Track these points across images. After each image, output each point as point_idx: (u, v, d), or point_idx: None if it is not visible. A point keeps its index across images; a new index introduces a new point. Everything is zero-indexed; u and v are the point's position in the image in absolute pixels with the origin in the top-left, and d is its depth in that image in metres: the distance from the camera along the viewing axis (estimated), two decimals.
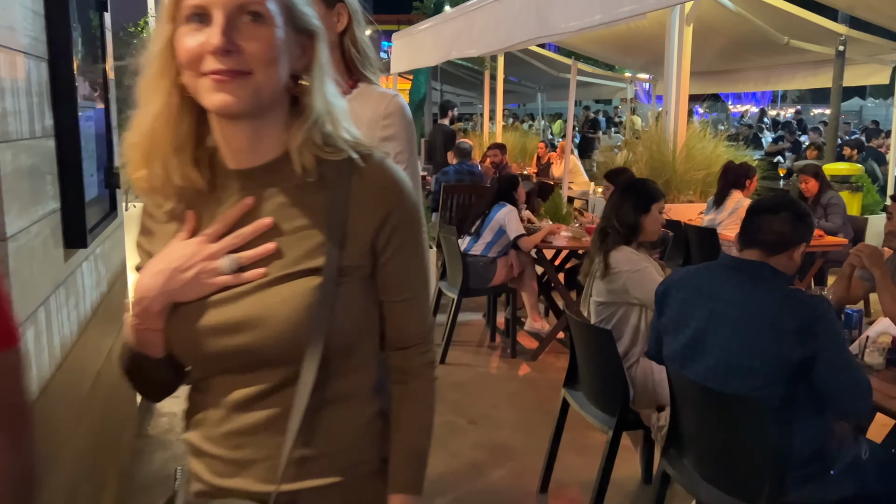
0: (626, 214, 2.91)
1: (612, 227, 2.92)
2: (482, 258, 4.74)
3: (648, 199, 2.91)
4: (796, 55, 8.06)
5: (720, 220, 5.52)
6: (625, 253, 2.87)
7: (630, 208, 2.91)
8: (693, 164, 6.64)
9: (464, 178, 6.96)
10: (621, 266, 2.84)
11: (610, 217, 2.96)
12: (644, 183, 3.11)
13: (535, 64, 12.43)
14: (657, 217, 2.93)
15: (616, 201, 2.97)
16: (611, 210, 2.99)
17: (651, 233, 2.93)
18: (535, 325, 4.88)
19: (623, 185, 3.19)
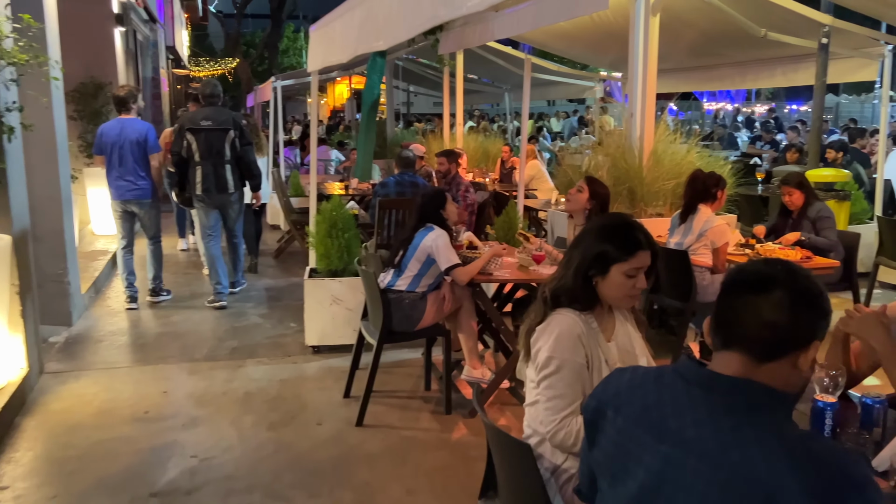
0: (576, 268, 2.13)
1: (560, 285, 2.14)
2: (408, 295, 3.95)
3: (610, 257, 2.08)
4: (775, 49, 7.36)
5: (689, 243, 4.77)
6: (561, 322, 2.08)
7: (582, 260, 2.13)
8: (662, 173, 5.90)
9: (405, 191, 6.16)
10: (544, 347, 2.06)
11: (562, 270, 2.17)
12: (615, 226, 2.16)
13: (500, 63, 11.65)
14: (620, 282, 2.09)
15: (576, 240, 2.19)
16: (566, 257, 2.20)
17: (613, 298, 2.15)
18: (473, 372, 4.10)
19: (590, 224, 2.35)
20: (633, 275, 2.08)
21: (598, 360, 2.08)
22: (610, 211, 4.33)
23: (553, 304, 2.10)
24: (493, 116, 21.07)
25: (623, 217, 2.20)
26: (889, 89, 6.87)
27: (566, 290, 2.10)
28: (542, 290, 2.16)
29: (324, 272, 5.08)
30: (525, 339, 2.13)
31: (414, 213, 4.08)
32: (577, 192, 4.25)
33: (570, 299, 2.10)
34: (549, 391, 2.04)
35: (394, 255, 4.05)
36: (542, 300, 2.13)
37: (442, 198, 4.06)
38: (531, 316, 2.15)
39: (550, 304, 2.11)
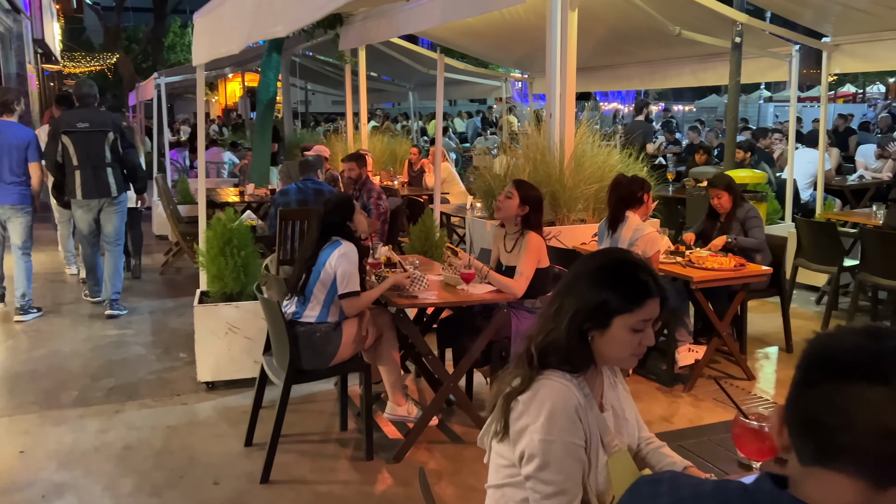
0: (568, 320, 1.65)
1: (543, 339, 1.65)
2: (319, 327, 3.38)
3: (612, 308, 1.61)
4: (687, 48, 7.23)
5: None
6: (553, 392, 1.60)
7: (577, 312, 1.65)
8: (584, 177, 5.58)
9: (308, 200, 5.55)
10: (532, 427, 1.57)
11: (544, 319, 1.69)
12: (616, 268, 1.66)
13: (405, 61, 11.17)
14: (624, 339, 1.62)
15: (559, 289, 1.70)
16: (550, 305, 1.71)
17: (612, 358, 1.69)
18: (398, 409, 3.59)
19: (583, 265, 1.73)
20: (640, 329, 1.62)
21: (595, 438, 1.62)
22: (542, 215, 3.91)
23: (540, 366, 1.63)
24: (396, 116, 20.52)
25: (624, 255, 1.72)
26: (797, 89, 6.87)
27: (557, 348, 1.62)
28: (524, 347, 1.68)
29: (217, 296, 4.42)
30: (502, 409, 1.64)
31: (315, 226, 3.51)
32: (505, 198, 3.82)
33: (562, 360, 1.63)
34: (545, 487, 1.55)
35: (296, 279, 3.47)
36: (525, 360, 1.65)
37: (349, 206, 3.51)
38: (509, 379, 1.66)
39: (538, 366, 1.63)
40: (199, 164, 4.93)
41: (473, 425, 3.77)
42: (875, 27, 5.98)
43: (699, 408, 4.19)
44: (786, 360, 4.96)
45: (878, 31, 6.02)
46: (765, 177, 6.49)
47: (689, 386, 4.44)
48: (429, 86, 14.31)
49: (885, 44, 6.03)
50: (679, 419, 4.04)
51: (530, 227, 3.82)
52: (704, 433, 2.14)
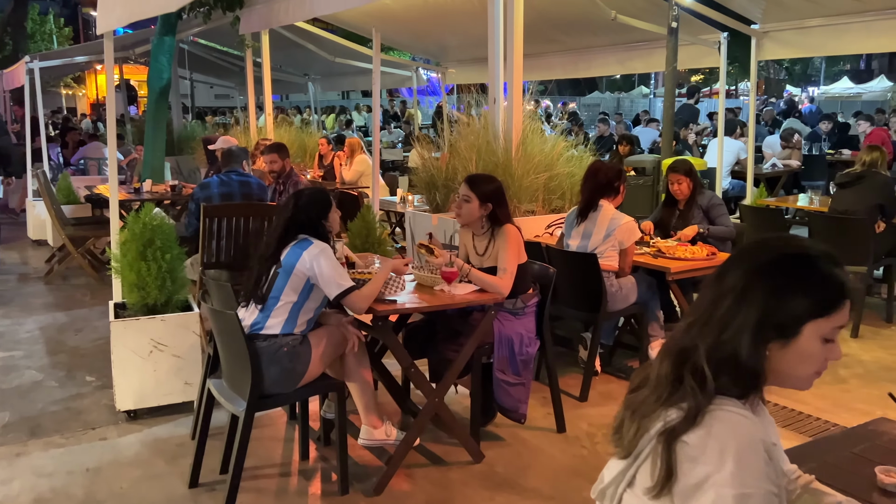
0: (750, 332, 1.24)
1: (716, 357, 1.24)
2: (284, 340, 2.83)
3: (803, 313, 1.22)
4: (616, 35, 7.08)
5: (594, 245, 4.14)
6: (732, 426, 1.19)
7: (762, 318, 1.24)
8: (532, 166, 5.25)
9: (234, 193, 4.90)
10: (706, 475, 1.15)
11: (711, 329, 1.26)
12: (800, 261, 1.26)
13: (308, 47, 10.48)
14: (814, 351, 1.24)
15: (735, 292, 1.25)
16: (710, 312, 1.28)
17: (792, 377, 1.28)
18: (374, 433, 3.09)
19: (749, 256, 1.32)
20: (831, 338, 1.25)
21: (782, 482, 1.24)
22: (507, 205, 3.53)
23: (703, 388, 1.21)
24: (289, 110, 19.57)
25: (798, 243, 1.33)
26: (724, 76, 6.88)
27: (730, 366, 1.22)
28: (673, 365, 1.26)
29: (137, 308, 3.73)
30: (657, 452, 1.22)
31: (280, 223, 2.96)
32: (463, 202, 3.43)
33: (733, 381, 1.23)
34: None
35: (255, 284, 2.90)
36: (691, 382, 1.23)
37: (325, 202, 3.00)
38: (650, 409, 1.25)
39: (710, 392, 1.21)
40: (110, 159, 4.18)
41: (455, 443, 3.34)
42: (804, 14, 6.02)
43: None
44: None
45: (806, 18, 6.06)
46: (705, 164, 6.43)
47: None
48: (332, 76, 13.66)
49: (814, 31, 6.08)
50: None
51: (500, 222, 3.43)
52: (817, 452, 1.82)
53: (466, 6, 7.54)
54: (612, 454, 1.37)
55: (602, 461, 3.07)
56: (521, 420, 3.47)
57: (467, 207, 3.43)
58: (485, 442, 3.40)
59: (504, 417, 3.53)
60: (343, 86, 15.62)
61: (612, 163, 4.44)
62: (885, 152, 5.17)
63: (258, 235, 4.65)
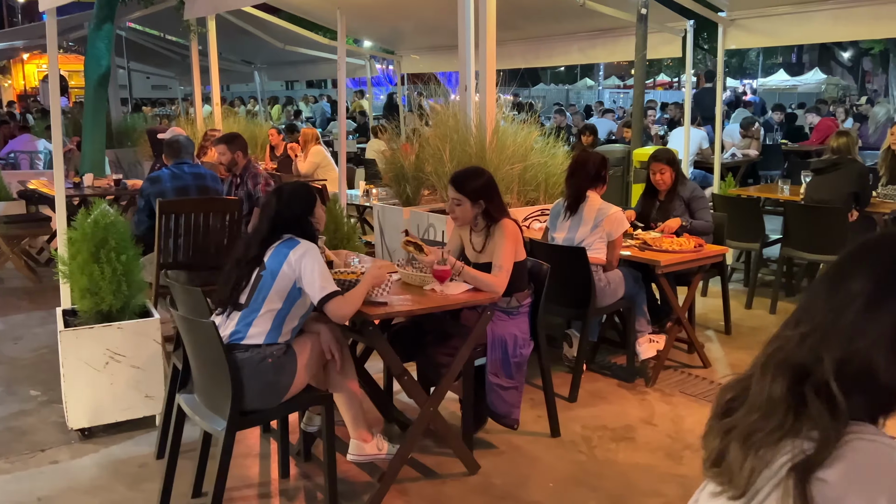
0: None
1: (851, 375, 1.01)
2: (269, 350, 2.54)
3: None
4: (581, 22, 6.92)
5: (581, 237, 3.96)
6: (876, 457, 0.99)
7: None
8: (506, 157, 5.04)
9: (189, 187, 4.54)
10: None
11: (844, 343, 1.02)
12: None
13: (256, 33, 10.04)
14: None
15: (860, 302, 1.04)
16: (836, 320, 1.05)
17: None
18: (366, 448, 2.82)
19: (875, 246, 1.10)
20: None
21: None
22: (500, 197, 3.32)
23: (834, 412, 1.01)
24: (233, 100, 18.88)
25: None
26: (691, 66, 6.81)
27: (871, 383, 1.02)
28: (789, 383, 1.05)
29: (90, 315, 3.37)
30: (797, 485, 1.00)
31: (263, 221, 2.67)
32: (455, 206, 3.21)
33: (870, 401, 1.03)
34: None
35: (233, 289, 2.60)
36: (817, 404, 1.02)
37: (310, 197, 2.72)
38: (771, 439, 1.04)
39: (841, 416, 1.01)
40: (54, 151, 3.78)
41: (447, 452, 3.11)
42: (771, 2, 5.98)
43: (672, 404, 3.81)
44: (728, 342, 4.75)
45: (773, 6, 6.01)
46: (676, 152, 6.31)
47: (652, 380, 4.06)
48: (279, 65, 13.20)
49: (781, 18, 6.04)
50: (660, 420, 3.63)
51: (496, 217, 3.22)
52: None
53: None
54: (710, 487, 1.16)
55: (601, 467, 2.84)
56: (513, 426, 3.27)
57: (460, 211, 3.21)
58: (477, 451, 3.18)
59: (494, 423, 3.32)
60: (291, 75, 15.15)
61: (595, 151, 4.24)
62: (853, 136, 5.16)
63: (219, 232, 4.32)
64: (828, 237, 4.94)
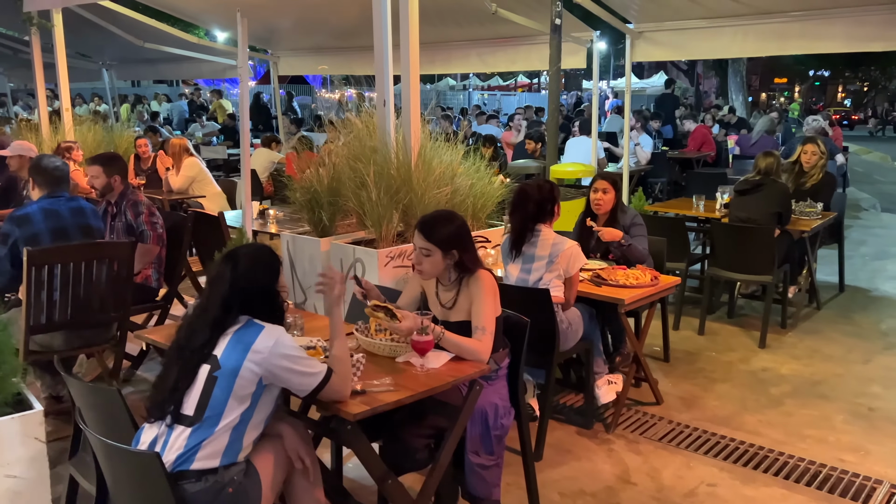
0: None
1: None
2: (227, 474, 1.93)
3: None
4: (490, 28, 6.56)
5: (537, 277, 3.58)
6: None
7: None
8: (434, 180, 4.57)
9: (68, 229, 3.65)
10: None
11: None
12: None
13: (110, 29, 8.87)
14: None
15: None
16: None
17: None
18: None
19: None
20: None
21: None
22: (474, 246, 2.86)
23: None
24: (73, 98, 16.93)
25: None
26: (597, 77, 6.67)
27: None
28: None
29: None
30: None
31: (212, 298, 2.04)
32: (423, 256, 2.72)
33: None
34: None
35: (172, 392, 1.96)
36: None
37: (275, 262, 2.12)
38: None
39: None
40: None
41: None
42: (680, 15, 5.93)
43: (643, 454, 3.53)
44: (669, 370, 4.57)
45: (682, 20, 5.97)
46: (594, 170, 6.13)
47: (612, 424, 3.77)
48: (132, 63, 11.88)
49: (689, 33, 6.01)
50: (637, 476, 3.34)
51: (471, 269, 2.77)
52: None
53: None
54: None
55: None
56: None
57: (429, 262, 2.71)
58: None
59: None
60: (147, 74, 13.74)
61: (543, 181, 3.87)
62: (778, 157, 5.17)
63: (104, 282, 3.52)
64: (756, 257, 4.91)
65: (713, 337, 5.15)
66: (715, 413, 3.97)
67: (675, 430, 3.78)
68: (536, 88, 31.90)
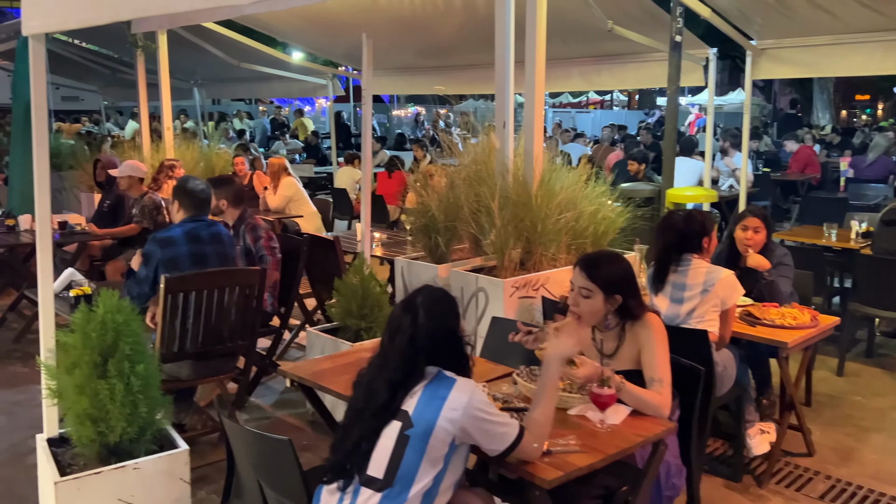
0: None
1: None
2: None
3: None
4: (616, 44, 6.30)
5: (689, 309, 3.29)
6: None
7: None
8: (557, 205, 4.33)
9: (207, 256, 3.54)
10: None
11: None
12: None
13: (208, 49, 8.99)
14: None
15: None
16: None
17: None
18: None
19: None
20: None
21: None
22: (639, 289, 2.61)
23: None
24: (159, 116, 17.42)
25: None
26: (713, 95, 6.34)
27: None
28: None
29: (90, 449, 2.44)
30: None
31: (392, 350, 1.85)
32: (582, 298, 2.50)
33: None
34: None
35: (352, 453, 1.78)
36: None
37: (455, 305, 1.94)
38: None
39: None
40: (38, 186, 2.71)
41: None
42: (810, 31, 5.57)
43: None
44: (813, 417, 4.18)
45: (811, 35, 5.60)
46: (715, 195, 5.78)
47: (765, 478, 3.44)
48: (223, 82, 12.08)
49: (820, 49, 5.64)
50: None
51: (636, 314, 2.52)
52: None
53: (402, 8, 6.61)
54: None
55: None
56: None
57: (588, 304, 2.48)
58: None
59: None
60: (237, 93, 14.01)
61: (692, 212, 3.58)
62: None
63: (234, 310, 3.41)
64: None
65: (854, 379, 4.73)
66: (877, 468, 3.59)
67: (836, 487, 3.42)
68: (608, 105, 31.36)
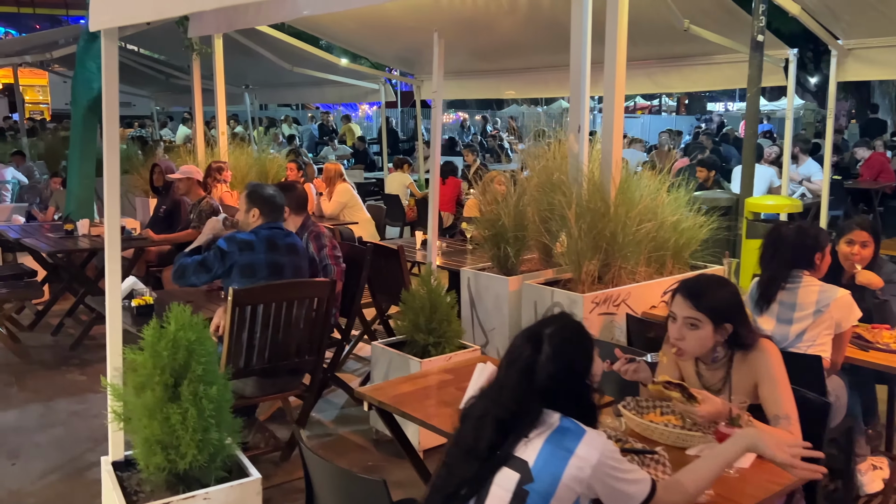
0: None
1: None
2: None
3: None
4: (688, 46, 6.00)
5: (801, 328, 2.98)
6: None
7: None
8: (636, 214, 4.06)
9: (283, 266, 3.35)
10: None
11: None
12: None
13: (262, 53, 8.92)
14: None
15: None
16: None
17: None
18: None
19: None
20: None
21: None
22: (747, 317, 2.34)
23: None
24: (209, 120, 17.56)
25: None
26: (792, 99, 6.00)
27: None
28: None
29: (158, 475, 2.27)
30: None
31: (505, 390, 1.62)
32: (689, 327, 2.21)
33: None
34: None
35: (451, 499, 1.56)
36: None
37: (589, 343, 1.70)
38: None
39: None
40: (107, 192, 2.55)
41: None
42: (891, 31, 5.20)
43: None
44: None
45: None
46: (800, 204, 5.43)
47: None
48: (275, 86, 12.06)
49: None
50: None
51: (748, 342, 2.24)
52: None
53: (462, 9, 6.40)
54: None
55: None
56: None
57: (695, 337, 2.21)
58: None
59: None
60: (287, 97, 14.00)
61: (805, 226, 3.27)
62: None
63: (304, 324, 3.23)
64: None
65: None
66: None
67: None
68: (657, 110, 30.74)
